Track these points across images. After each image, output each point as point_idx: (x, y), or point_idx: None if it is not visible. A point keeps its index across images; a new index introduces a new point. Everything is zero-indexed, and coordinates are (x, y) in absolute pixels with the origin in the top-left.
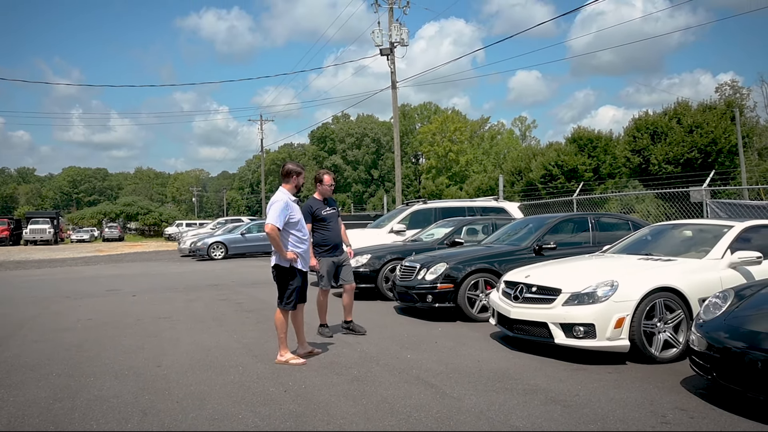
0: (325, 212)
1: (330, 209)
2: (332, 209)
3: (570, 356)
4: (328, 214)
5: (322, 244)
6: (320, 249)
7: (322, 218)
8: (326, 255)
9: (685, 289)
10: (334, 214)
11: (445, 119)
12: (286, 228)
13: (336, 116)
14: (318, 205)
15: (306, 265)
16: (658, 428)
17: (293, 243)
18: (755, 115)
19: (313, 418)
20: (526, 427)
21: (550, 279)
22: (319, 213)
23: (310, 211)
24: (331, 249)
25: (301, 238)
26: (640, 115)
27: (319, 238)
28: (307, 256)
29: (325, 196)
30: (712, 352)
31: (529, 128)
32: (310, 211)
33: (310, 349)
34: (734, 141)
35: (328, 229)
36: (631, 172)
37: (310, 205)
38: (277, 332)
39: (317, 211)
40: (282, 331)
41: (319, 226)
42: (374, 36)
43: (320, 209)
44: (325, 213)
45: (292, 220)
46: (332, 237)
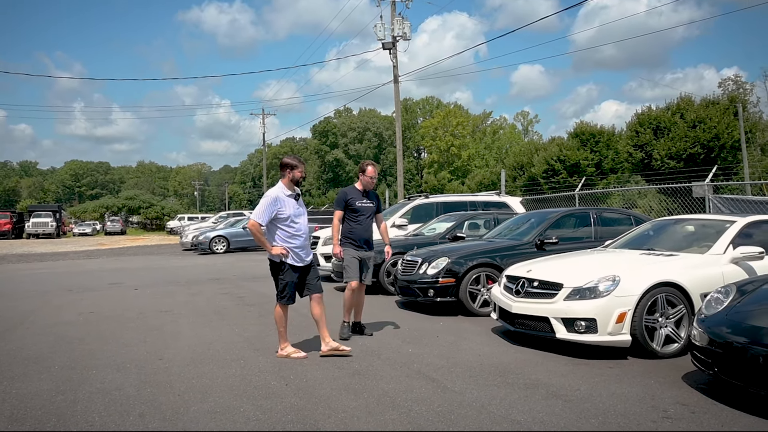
0: (360, 203)
1: (367, 202)
2: (370, 203)
3: (571, 351)
4: (363, 206)
5: (348, 235)
6: (345, 239)
7: (354, 209)
8: (351, 246)
9: (686, 284)
10: (369, 207)
11: (447, 114)
12: (274, 222)
13: (338, 110)
14: (354, 194)
15: (302, 259)
16: (659, 423)
17: (283, 238)
18: (758, 110)
19: (314, 411)
20: (527, 422)
21: (552, 274)
22: (352, 203)
23: (344, 198)
24: (357, 242)
25: (292, 233)
26: (643, 110)
27: (346, 228)
28: (304, 251)
29: (367, 188)
30: (713, 347)
31: (532, 123)
32: (344, 198)
33: (335, 346)
34: (737, 136)
35: (357, 222)
36: (634, 167)
37: (346, 192)
38: (277, 326)
39: (351, 201)
40: (281, 325)
41: (350, 216)
42: (376, 30)
43: (355, 199)
44: (360, 204)
45: (281, 215)
46: (359, 231)
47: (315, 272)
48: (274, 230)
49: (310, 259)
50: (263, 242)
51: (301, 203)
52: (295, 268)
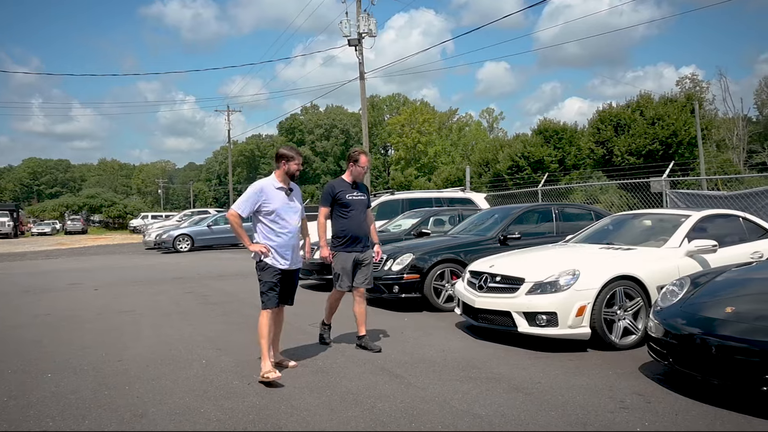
0: (349, 196)
1: (358, 194)
2: (360, 195)
3: (533, 344)
4: (353, 199)
5: (338, 234)
6: (336, 240)
7: (344, 203)
8: (342, 248)
9: (644, 277)
10: (360, 201)
11: (413, 111)
12: (257, 215)
13: (305, 107)
14: (343, 187)
15: (285, 261)
16: (616, 413)
17: (264, 234)
18: (714, 108)
19: (276, 410)
20: (488, 415)
21: (514, 268)
22: (341, 197)
23: (332, 192)
24: (348, 241)
25: (276, 231)
26: (604, 107)
27: (337, 226)
28: (288, 252)
29: (356, 180)
30: (668, 338)
31: (497, 120)
32: (331, 192)
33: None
34: (694, 133)
35: (348, 217)
36: (595, 164)
37: (333, 185)
38: (258, 337)
39: (340, 194)
40: (263, 336)
41: (340, 212)
42: (342, 26)
43: (344, 192)
44: (349, 197)
45: (266, 208)
46: (352, 227)
47: (294, 283)
48: (256, 224)
49: (295, 266)
50: (241, 235)
51: (296, 199)
52: (276, 269)
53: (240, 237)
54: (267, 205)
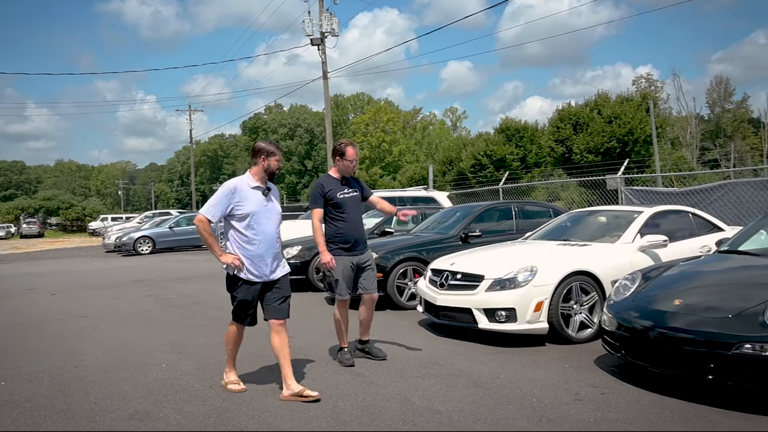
0: (342, 195)
1: (350, 192)
2: (353, 192)
3: (494, 340)
4: (346, 198)
5: (335, 238)
6: (333, 245)
7: (336, 203)
8: (341, 253)
9: (598, 273)
10: (353, 198)
11: (378, 110)
12: (228, 220)
13: (268, 106)
14: (333, 185)
15: (260, 273)
16: (571, 405)
17: (236, 242)
18: (668, 106)
19: (237, 413)
20: (447, 411)
21: (474, 266)
22: (333, 196)
23: (322, 192)
24: (348, 245)
25: (251, 238)
26: (564, 106)
27: (332, 230)
28: (266, 262)
29: (346, 175)
30: (621, 331)
31: (460, 119)
32: (321, 192)
33: (299, 390)
34: (649, 131)
35: (343, 219)
36: (556, 161)
37: (322, 184)
38: (225, 345)
39: (330, 194)
40: (229, 345)
41: (333, 214)
42: (304, 25)
43: (334, 191)
44: (342, 197)
45: (239, 211)
46: (349, 230)
47: (282, 290)
48: (230, 232)
49: (279, 274)
50: (211, 244)
51: (273, 199)
52: (251, 283)
53: (209, 246)
54: (240, 207)
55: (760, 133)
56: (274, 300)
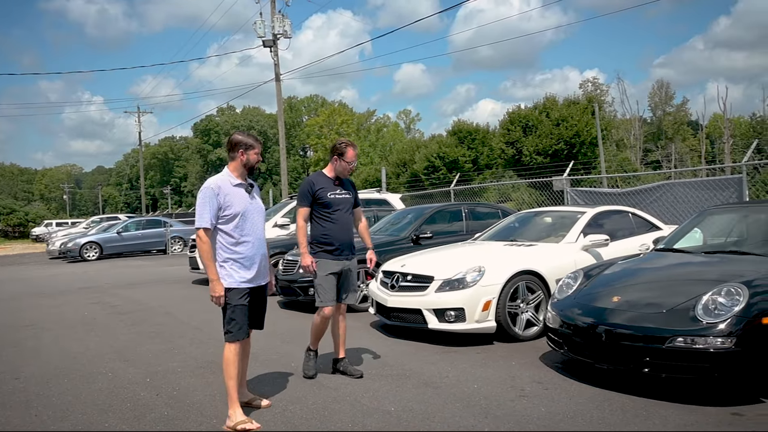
0: (332, 195)
1: (342, 192)
2: (345, 193)
3: (443, 340)
4: (338, 198)
5: (321, 240)
6: (318, 247)
7: (325, 203)
8: (326, 256)
9: (544, 272)
10: (345, 200)
11: (332, 112)
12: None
13: (221, 108)
14: (324, 183)
15: (252, 278)
16: (516, 401)
17: (224, 246)
18: (613, 109)
19: (185, 420)
20: (397, 411)
21: (424, 267)
22: (322, 195)
23: (311, 189)
24: (334, 249)
25: (239, 239)
26: (514, 108)
27: (318, 231)
28: (255, 264)
29: (342, 176)
30: (564, 328)
31: (414, 121)
32: (310, 189)
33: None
34: (595, 133)
35: (331, 220)
36: (506, 163)
37: (312, 181)
38: (225, 378)
39: (321, 192)
40: (230, 377)
41: (321, 214)
42: (256, 27)
43: (325, 190)
44: (332, 196)
45: (228, 212)
46: (336, 232)
47: (265, 298)
48: (215, 236)
49: (267, 278)
50: (210, 266)
51: (256, 196)
52: (242, 290)
53: (207, 269)
54: (229, 207)
55: (698, 135)
56: (258, 309)
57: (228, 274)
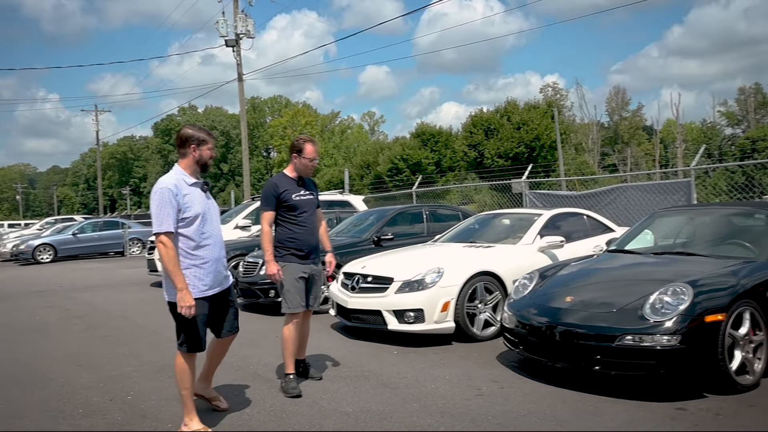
0: (297, 197)
1: (306, 194)
2: (309, 194)
3: (403, 341)
4: (303, 200)
5: (287, 244)
6: (284, 251)
7: (291, 206)
8: (293, 260)
9: (501, 273)
10: (310, 201)
11: (295, 113)
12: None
13: (182, 107)
14: (288, 184)
15: (213, 283)
16: (472, 400)
17: (184, 253)
18: (572, 114)
19: (139, 425)
20: (354, 412)
21: (384, 269)
22: (287, 197)
23: (275, 192)
24: (301, 253)
25: (199, 242)
26: (476, 112)
27: (284, 235)
28: (216, 269)
29: (302, 175)
30: (520, 327)
31: (378, 123)
32: (274, 192)
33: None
34: (554, 137)
35: (298, 223)
36: (469, 165)
37: (275, 184)
38: (178, 387)
39: (285, 194)
40: (184, 386)
41: (286, 217)
42: (219, 26)
43: (290, 192)
44: (298, 198)
45: (187, 214)
46: (304, 236)
47: (234, 300)
48: (175, 241)
49: (230, 281)
50: (176, 275)
51: (210, 195)
52: (205, 299)
53: (174, 277)
54: (189, 209)
55: (652, 139)
56: (229, 313)
57: (191, 284)
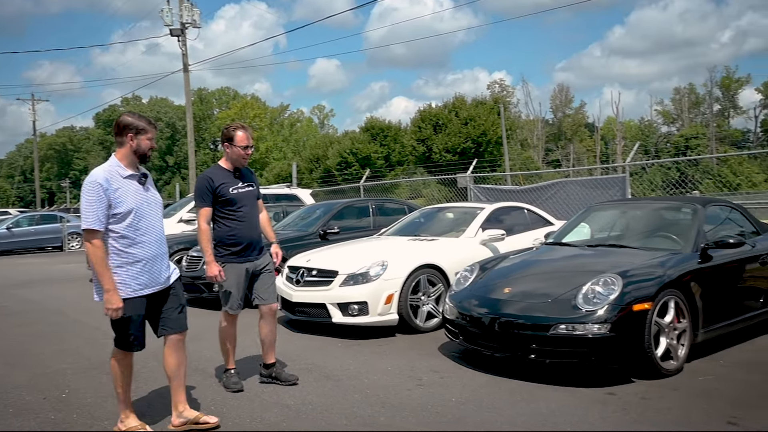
0: (235, 190)
1: (244, 186)
2: (247, 186)
3: (348, 334)
4: (240, 193)
5: (227, 241)
6: (225, 249)
7: (229, 200)
8: (234, 259)
9: (444, 265)
10: (249, 194)
11: (244, 105)
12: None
13: (126, 98)
14: (223, 178)
15: (149, 282)
16: (413, 390)
17: (116, 249)
18: (518, 110)
19: (73, 423)
20: (296, 405)
21: (329, 262)
22: (224, 191)
23: (210, 186)
24: (242, 250)
25: (134, 239)
26: (425, 107)
27: (224, 231)
28: (153, 267)
29: (237, 165)
30: (460, 318)
31: (327, 117)
32: (209, 186)
33: (193, 416)
34: (501, 133)
35: (238, 218)
36: (417, 160)
37: (210, 177)
38: (114, 385)
39: (222, 188)
40: (119, 384)
41: (225, 212)
42: (163, 15)
43: (227, 185)
44: (236, 192)
45: (118, 210)
46: (244, 231)
47: (179, 297)
48: (105, 238)
49: (173, 278)
50: (104, 276)
51: (151, 188)
52: (141, 298)
53: (101, 277)
54: (120, 204)
55: (594, 136)
56: (171, 310)
57: (123, 283)
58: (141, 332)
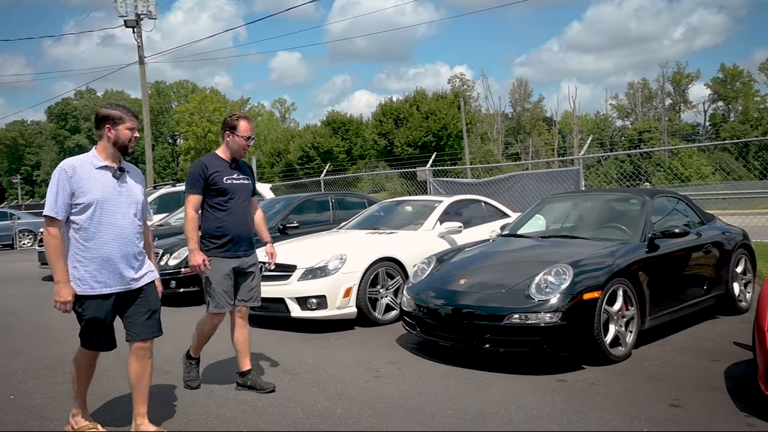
0: (228, 180)
1: (240, 177)
2: (243, 178)
3: (307, 328)
4: (234, 184)
5: (215, 233)
6: (211, 242)
7: (221, 189)
8: (220, 253)
9: (403, 258)
10: (243, 186)
11: (203, 98)
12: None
13: (79, 91)
14: (218, 166)
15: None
16: (371, 382)
17: (75, 241)
18: (478, 104)
19: (22, 425)
20: (252, 400)
21: (288, 256)
22: (218, 180)
23: (203, 173)
24: (229, 243)
25: (92, 233)
26: (386, 101)
27: (212, 223)
28: (118, 267)
29: (236, 156)
30: (417, 310)
31: (289, 110)
32: (202, 173)
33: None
34: (461, 127)
35: (227, 209)
36: (379, 154)
37: (204, 164)
38: (71, 381)
39: (215, 177)
40: (77, 381)
41: (215, 202)
42: (117, 5)
43: (221, 174)
44: (229, 182)
45: (79, 200)
46: (233, 223)
47: (149, 302)
48: (67, 229)
49: (143, 281)
50: (57, 267)
51: (131, 183)
52: (103, 297)
53: (53, 267)
54: (83, 194)
55: (551, 130)
56: (138, 315)
57: (81, 278)
58: (106, 332)
